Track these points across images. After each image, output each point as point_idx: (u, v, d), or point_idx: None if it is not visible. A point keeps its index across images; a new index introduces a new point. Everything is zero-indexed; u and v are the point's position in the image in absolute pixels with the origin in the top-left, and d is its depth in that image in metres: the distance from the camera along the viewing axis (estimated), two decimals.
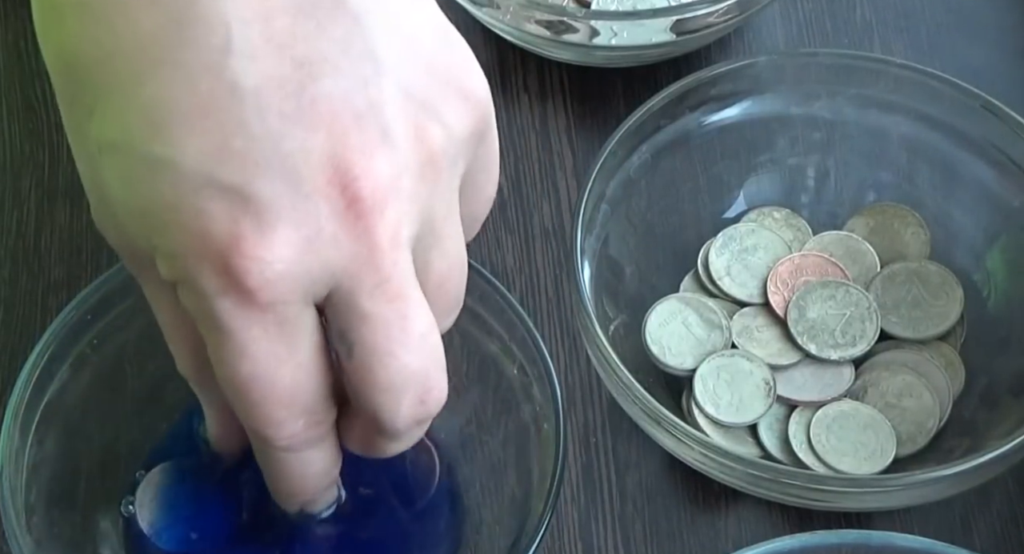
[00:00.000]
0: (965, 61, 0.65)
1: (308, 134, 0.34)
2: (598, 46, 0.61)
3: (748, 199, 0.59)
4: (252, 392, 0.37)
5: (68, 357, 0.49)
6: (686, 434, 0.50)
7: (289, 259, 0.35)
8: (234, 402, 0.37)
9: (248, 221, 0.34)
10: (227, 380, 0.37)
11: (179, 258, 0.35)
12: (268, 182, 0.34)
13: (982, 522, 0.54)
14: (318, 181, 0.34)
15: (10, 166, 0.63)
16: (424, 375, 0.37)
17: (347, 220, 0.35)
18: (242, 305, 0.35)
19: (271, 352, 0.36)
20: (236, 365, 0.36)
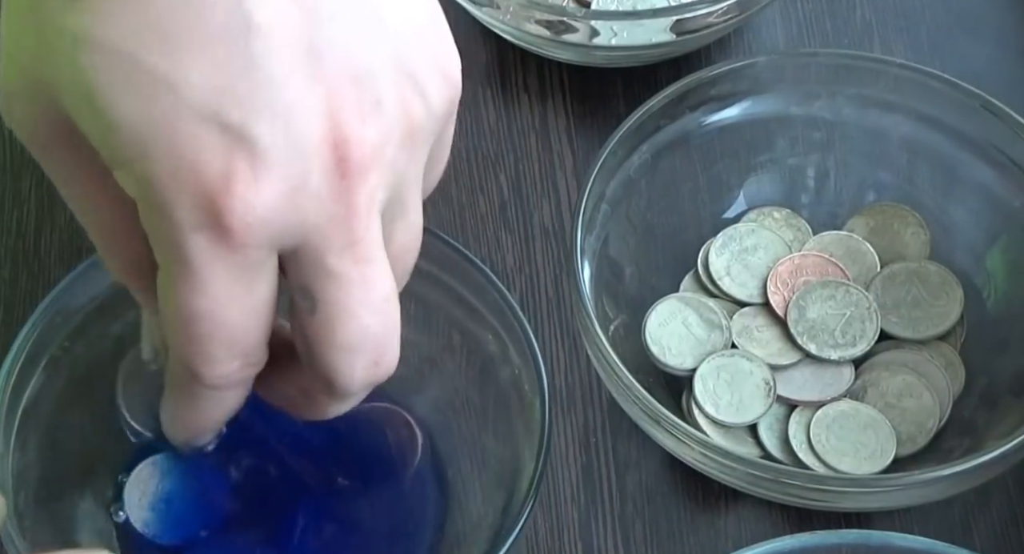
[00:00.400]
0: (965, 61, 0.65)
1: (310, 88, 0.35)
2: (598, 46, 0.61)
3: (748, 199, 0.59)
4: (199, 327, 0.36)
5: (41, 361, 0.49)
6: (686, 434, 0.50)
7: (272, 206, 0.35)
8: (174, 333, 0.37)
9: (242, 162, 0.34)
10: (175, 310, 0.36)
11: (158, 182, 0.35)
12: (268, 128, 0.34)
13: (982, 522, 0.54)
14: (314, 136, 0.35)
15: (10, 166, 0.63)
16: (382, 338, 0.38)
17: (333, 179, 0.35)
18: (215, 243, 0.35)
19: (229, 292, 0.36)
20: (190, 299, 0.36)
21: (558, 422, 0.56)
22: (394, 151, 0.37)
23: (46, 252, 0.60)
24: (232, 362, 0.38)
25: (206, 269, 0.36)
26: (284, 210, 0.35)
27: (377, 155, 0.36)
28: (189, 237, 0.35)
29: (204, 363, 0.37)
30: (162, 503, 0.50)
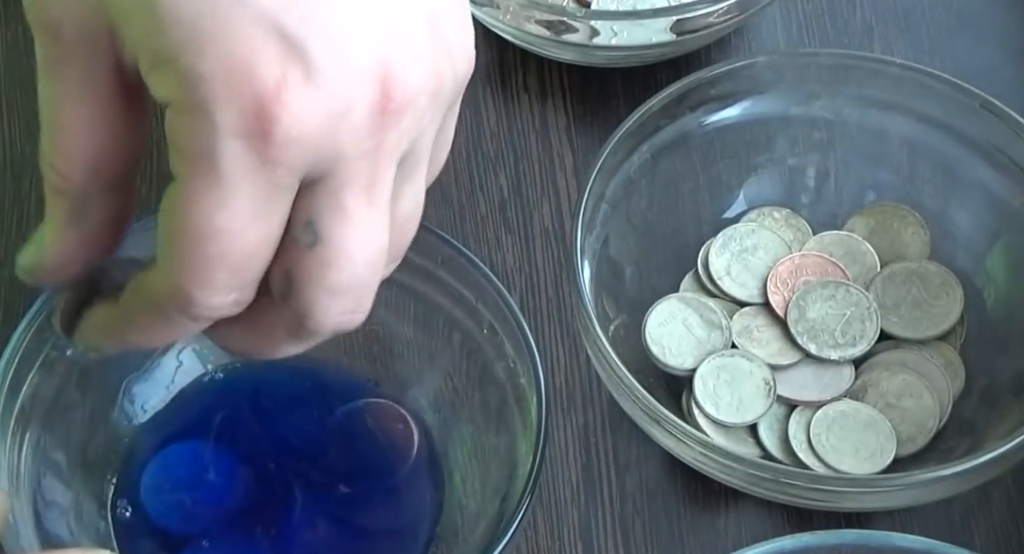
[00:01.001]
0: (965, 61, 0.65)
1: (369, 20, 0.36)
2: (598, 46, 0.61)
3: (748, 199, 0.59)
4: (211, 246, 0.36)
5: (37, 360, 0.49)
6: (686, 434, 0.50)
7: (315, 126, 0.35)
8: (177, 251, 0.36)
9: (296, 74, 0.34)
10: (187, 225, 0.35)
11: (207, 80, 0.34)
12: (326, 46, 0.35)
13: (982, 522, 0.54)
14: (365, 65, 0.35)
15: (10, 166, 0.63)
16: (366, 289, 0.38)
17: (373, 113, 0.36)
18: (251, 154, 0.35)
19: (251, 212, 0.36)
20: (210, 213, 0.35)
21: (558, 422, 0.56)
22: (425, 103, 0.37)
23: None
24: (230, 293, 0.37)
25: (235, 181, 0.35)
26: (324, 133, 0.35)
27: (413, 101, 0.36)
28: (227, 142, 0.35)
29: (203, 287, 0.36)
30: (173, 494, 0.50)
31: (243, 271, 0.37)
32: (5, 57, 0.66)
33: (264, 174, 0.35)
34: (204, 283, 0.36)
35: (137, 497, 0.51)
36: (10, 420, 0.48)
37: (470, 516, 0.50)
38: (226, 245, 0.36)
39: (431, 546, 0.50)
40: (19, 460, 0.48)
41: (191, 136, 0.35)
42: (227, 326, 0.39)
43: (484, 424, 0.51)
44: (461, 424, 0.52)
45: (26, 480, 0.48)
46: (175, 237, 0.36)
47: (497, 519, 0.47)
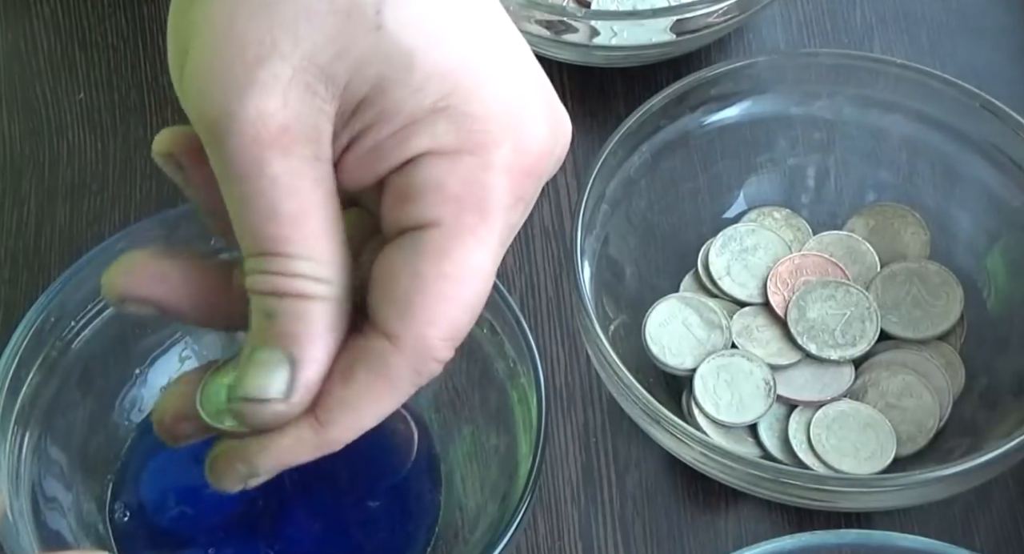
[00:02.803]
0: (965, 61, 0.65)
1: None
2: (598, 46, 0.61)
3: (748, 199, 0.59)
4: (466, 289, 0.36)
5: (36, 360, 0.49)
6: (686, 434, 0.50)
7: (556, 163, 0.38)
8: (433, 298, 0.36)
9: (554, 118, 0.38)
10: (453, 268, 0.36)
11: (481, 122, 0.36)
12: (549, 87, 0.39)
13: (982, 522, 0.54)
14: (561, 109, 0.39)
15: (10, 166, 0.63)
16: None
17: (557, 163, 0.39)
18: (512, 189, 0.36)
19: (497, 252, 0.37)
20: (473, 253, 0.36)
21: (558, 422, 0.56)
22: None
23: (46, 252, 0.60)
24: (457, 343, 0.37)
25: (496, 219, 0.36)
26: (548, 170, 0.38)
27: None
28: (498, 179, 0.36)
29: (451, 336, 0.36)
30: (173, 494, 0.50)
31: (475, 317, 0.37)
32: (5, 57, 0.66)
33: (514, 213, 0.37)
34: (450, 330, 0.36)
35: (137, 497, 0.51)
36: (10, 420, 0.48)
37: (470, 516, 0.50)
38: (479, 286, 0.36)
39: (431, 546, 0.50)
40: (19, 460, 0.48)
41: (463, 175, 0.36)
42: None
43: (484, 424, 0.51)
44: (461, 424, 0.52)
45: (26, 480, 0.48)
46: (431, 281, 0.36)
47: (497, 519, 0.47)
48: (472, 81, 0.36)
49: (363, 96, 0.36)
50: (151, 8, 0.67)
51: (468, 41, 0.37)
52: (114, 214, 0.61)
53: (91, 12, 0.67)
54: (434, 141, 0.36)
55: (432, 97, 0.36)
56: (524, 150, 0.37)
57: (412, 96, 0.36)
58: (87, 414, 0.51)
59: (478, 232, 0.36)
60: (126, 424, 0.52)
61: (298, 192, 0.36)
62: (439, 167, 0.36)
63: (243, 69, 0.35)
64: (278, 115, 0.35)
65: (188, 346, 0.53)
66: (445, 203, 0.36)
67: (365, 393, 0.37)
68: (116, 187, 0.62)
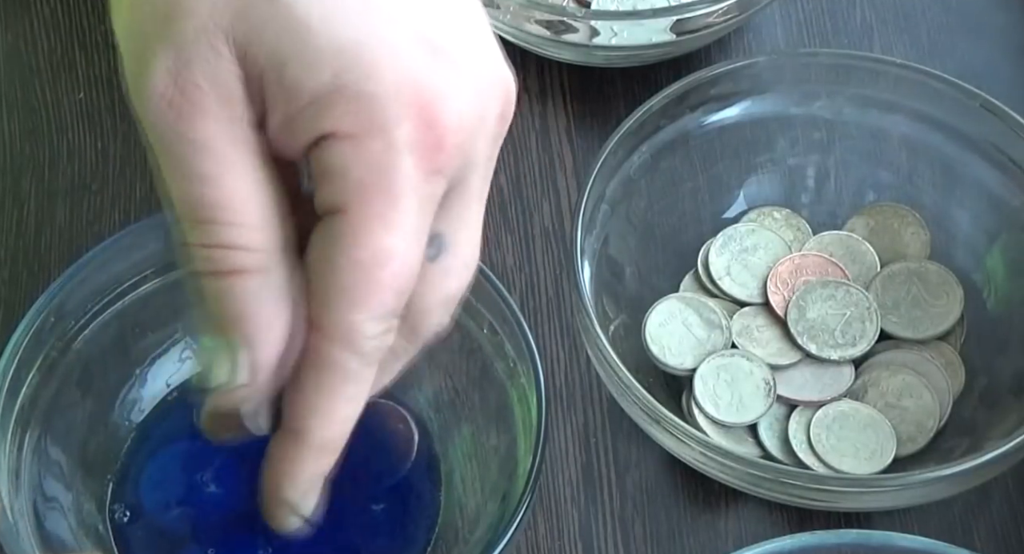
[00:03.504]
0: (965, 61, 0.65)
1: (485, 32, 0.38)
2: (598, 46, 0.61)
3: (748, 199, 0.59)
4: (382, 271, 0.35)
5: (36, 361, 0.49)
6: (686, 434, 0.50)
7: (470, 131, 0.36)
8: (349, 283, 0.35)
9: (451, 82, 0.36)
10: (363, 253, 0.35)
11: (379, 101, 0.35)
12: (468, 53, 0.36)
13: (982, 522, 0.54)
14: (496, 72, 0.37)
15: (10, 166, 0.63)
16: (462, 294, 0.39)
17: (499, 119, 0.37)
18: (420, 166, 0.35)
19: (415, 230, 0.36)
20: (383, 236, 0.35)
21: (558, 422, 0.56)
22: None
23: (46, 252, 0.60)
24: (392, 321, 0.36)
25: (406, 199, 0.35)
26: (472, 138, 0.36)
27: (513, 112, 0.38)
28: (402, 159, 0.35)
29: (375, 317, 0.36)
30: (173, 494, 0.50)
31: (404, 294, 0.36)
32: (5, 57, 0.66)
33: (428, 187, 0.36)
34: (375, 312, 0.36)
35: (137, 497, 0.51)
36: (10, 420, 0.48)
37: (470, 516, 0.50)
38: (396, 268, 0.35)
39: (431, 546, 0.50)
40: (19, 460, 0.48)
41: (365, 159, 0.35)
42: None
43: (484, 424, 0.51)
44: (461, 424, 0.52)
45: (26, 480, 0.48)
46: (345, 269, 0.35)
47: (497, 519, 0.47)
48: (370, 57, 0.35)
49: (262, 67, 0.35)
50: None
51: (371, 14, 0.35)
52: (114, 214, 0.61)
53: (91, 12, 0.67)
54: (334, 123, 0.35)
55: (328, 74, 0.35)
56: (431, 125, 0.35)
57: (308, 72, 0.35)
58: (87, 414, 0.51)
59: (386, 217, 0.35)
60: (126, 424, 0.52)
61: (216, 152, 0.35)
62: (342, 151, 0.35)
63: (151, 31, 0.35)
64: (185, 72, 0.34)
65: (188, 346, 0.53)
66: (350, 189, 0.35)
67: (320, 390, 0.36)
68: (116, 187, 0.62)
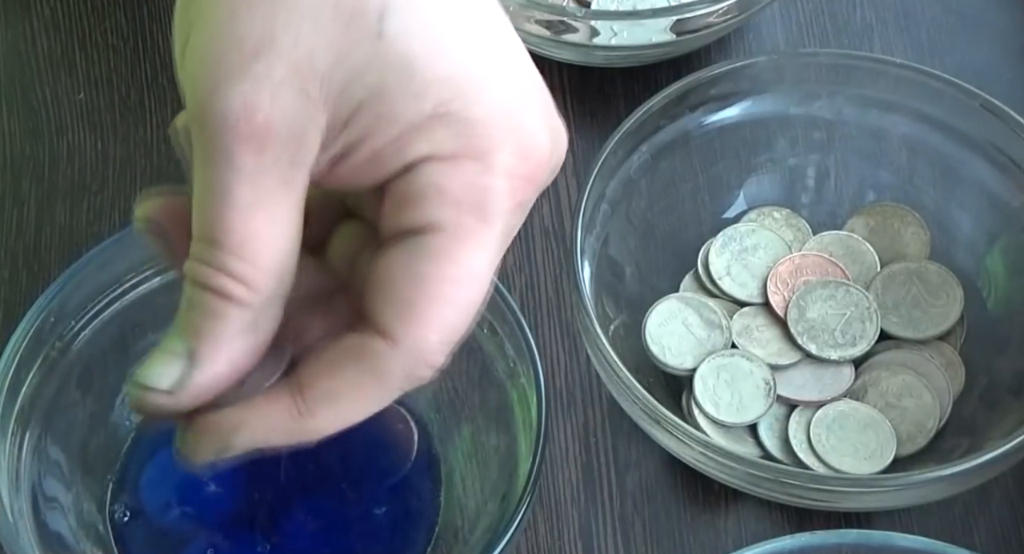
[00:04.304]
0: (965, 61, 0.65)
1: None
2: (598, 46, 0.61)
3: (748, 199, 0.59)
4: (466, 292, 0.36)
5: (36, 360, 0.49)
6: (686, 434, 0.50)
7: (555, 168, 0.38)
8: (433, 301, 0.36)
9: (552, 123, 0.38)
10: (452, 272, 0.36)
11: (482, 126, 0.36)
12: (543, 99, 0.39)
13: (982, 522, 0.54)
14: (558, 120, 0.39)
15: (10, 166, 0.63)
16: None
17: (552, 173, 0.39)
18: (512, 193, 0.36)
19: (496, 256, 0.36)
20: (472, 256, 0.36)
21: (558, 422, 0.56)
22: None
23: (46, 252, 0.60)
24: (452, 346, 0.37)
25: (496, 223, 0.36)
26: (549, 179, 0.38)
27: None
28: (499, 183, 0.36)
29: (450, 340, 0.36)
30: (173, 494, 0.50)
31: (472, 321, 0.37)
32: (5, 57, 0.66)
33: (513, 218, 0.36)
34: (450, 334, 0.36)
35: (137, 497, 0.51)
36: (10, 420, 0.48)
37: (470, 516, 0.50)
38: (478, 290, 0.36)
39: (431, 546, 0.50)
40: (19, 460, 0.48)
41: (464, 180, 0.36)
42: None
43: (484, 424, 0.51)
44: (461, 424, 0.52)
45: (26, 480, 0.48)
46: (433, 286, 0.36)
47: (497, 519, 0.47)
48: (473, 86, 0.36)
49: (359, 102, 0.35)
50: (151, 8, 0.67)
51: (470, 47, 0.37)
52: (114, 214, 0.61)
53: (91, 12, 0.67)
54: (433, 146, 0.36)
55: (432, 103, 0.36)
56: (524, 155, 0.37)
57: (412, 103, 0.35)
58: (87, 414, 0.51)
59: (479, 235, 0.36)
60: (126, 424, 0.52)
61: (259, 188, 0.35)
62: (440, 171, 0.36)
63: (238, 59, 0.35)
64: (263, 111, 0.35)
65: None
66: (446, 206, 0.36)
67: (352, 388, 0.36)
68: (116, 187, 0.62)
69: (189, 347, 0.36)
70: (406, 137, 0.36)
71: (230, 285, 0.35)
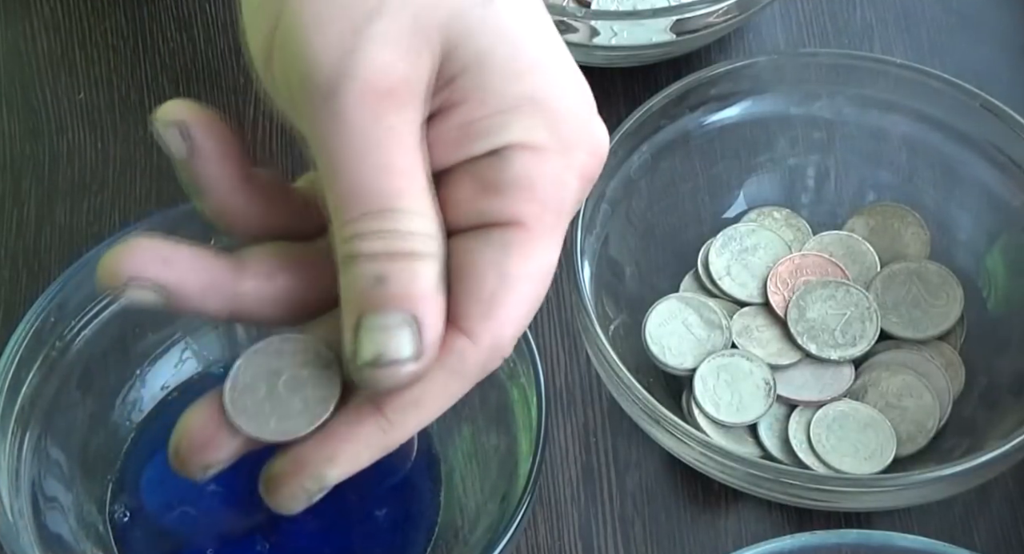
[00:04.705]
0: (965, 61, 0.65)
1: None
2: (598, 46, 0.61)
3: (748, 199, 0.59)
4: (540, 287, 0.36)
5: (37, 360, 0.49)
6: (686, 434, 0.50)
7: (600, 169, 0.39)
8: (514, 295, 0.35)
9: (601, 124, 0.39)
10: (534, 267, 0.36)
11: (567, 123, 0.36)
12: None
13: (982, 522, 0.54)
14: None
15: (10, 166, 0.63)
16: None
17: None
18: (580, 192, 0.37)
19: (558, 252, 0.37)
20: (549, 252, 0.36)
21: (558, 422, 0.56)
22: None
23: (46, 252, 0.60)
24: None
25: (566, 221, 0.36)
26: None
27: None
28: (574, 182, 0.36)
29: (519, 331, 0.36)
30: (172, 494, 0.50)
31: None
32: (5, 57, 0.66)
33: (574, 212, 0.37)
34: (521, 330, 0.36)
35: (137, 497, 0.51)
36: (10, 420, 0.48)
37: (470, 516, 0.50)
38: (546, 286, 0.36)
39: (431, 546, 0.50)
40: (19, 460, 0.48)
41: (550, 175, 0.36)
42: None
43: (484, 424, 0.51)
44: (461, 424, 0.52)
45: (26, 480, 0.48)
46: (517, 285, 0.36)
47: (497, 519, 0.47)
48: (560, 78, 0.36)
49: (464, 66, 0.35)
50: (151, 8, 0.67)
51: (552, 39, 0.37)
52: (114, 214, 0.61)
53: (91, 12, 0.67)
54: (526, 134, 0.35)
55: (530, 86, 0.35)
56: (595, 154, 0.37)
57: (514, 81, 0.35)
58: (87, 414, 0.51)
59: (556, 233, 0.36)
60: (126, 424, 0.52)
61: (410, 148, 0.35)
62: (530, 163, 0.36)
63: (362, 18, 0.34)
64: (396, 68, 0.34)
65: (188, 346, 0.53)
66: (533, 202, 0.36)
67: (440, 391, 0.36)
68: (116, 187, 0.62)
69: (407, 316, 0.34)
70: (501, 116, 0.35)
71: (422, 244, 0.35)
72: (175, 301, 0.36)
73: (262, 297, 0.37)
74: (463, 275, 0.36)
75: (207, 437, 0.36)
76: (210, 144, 0.36)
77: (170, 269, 0.36)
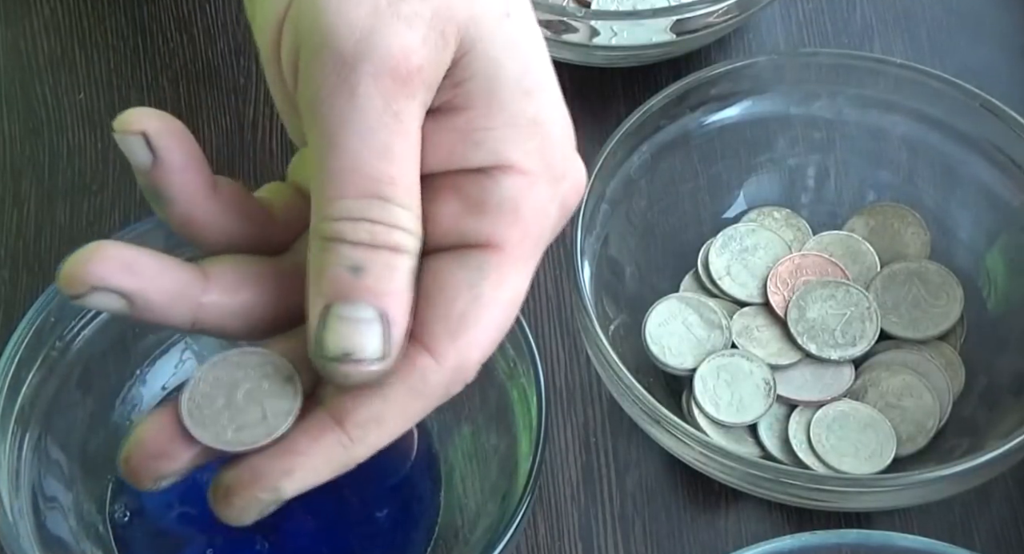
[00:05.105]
0: (965, 61, 0.65)
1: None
2: (598, 46, 0.61)
3: (748, 199, 0.59)
4: (511, 311, 0.36)
5: (37, 360, 0.49)
6: (686, 434, 0.50)
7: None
8: (487, 320, 0.35)
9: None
10: (508, 293, 0.36)
11: (559, 154, 0.36)
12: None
13: (982, 522, 0.54)
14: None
15: (10, 166, 0.63)
16: None
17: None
18: (559, 224, 0.37)
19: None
20: (525, 278, 0.36)
21: (558, 422, 0.56)
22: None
23: (46, 252, 0.60)
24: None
25: (541, 252, 0.37)
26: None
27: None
28: (556, 212, 0.36)
29: (486, 355, 0.36)
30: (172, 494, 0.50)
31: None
32: (5, 57, 0.66)
33: (549, 242, 0.37)
34: (487, 354, 0.36)
35: (137, 498, 0.51)
36: (10, 420, 0.48)
37: (470, 516, 0.50)
38: (515, 312, 0.36)
39: (431, 546, 0.50)
40: (19, 460, 0.48)
41: (534, 203, 0.36)
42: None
43: (484, 424, 0.51)
44: (461, 424, 0.52)
45: (26, 480, 0.48)
46: (488, 308, 0.35)
47: (497, 519, 0.47)
48: (559, 106, 0.36)
49: (472, 74, 0.35)
50: (151, 8, 0.67)
51: (550, 66, 0.37)
52: (114, 214, 0.61)
53: (91, 12, 0.67)
54: (523, 157, 0.35)
55: (535, 108, 0.35)
56: (576, 187, 0.37)
57: (520, 99, 0.35)
58: (87, 414, 0.51)
59: (531, 261, 0.36)
60: (126, 424, 0.52)
61: (411, 137, 0.35)
62: (520, 188, 0.35)
63: (378, 5, 0.34)
64: (419, 52, 0.34)
65: (188, 346, 0.53)
66: (516, 227, 0.35)
67: (400, 409, 0.35)
68: (116, 187, 0.62)
69: (377, 311, 0.34)
70: (503, 131, 0.35)
71: (404, 239, 0.35)
72: (139, 310, 0.35)
73: (225, 310, 0.36)
74: (433, 292, 0.35)
75: (161, 447, 0.36)
76: (176, 153, 0.36)
77: (135, 277, 0.35)
